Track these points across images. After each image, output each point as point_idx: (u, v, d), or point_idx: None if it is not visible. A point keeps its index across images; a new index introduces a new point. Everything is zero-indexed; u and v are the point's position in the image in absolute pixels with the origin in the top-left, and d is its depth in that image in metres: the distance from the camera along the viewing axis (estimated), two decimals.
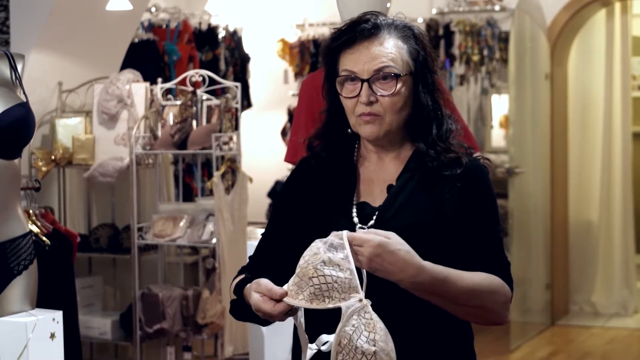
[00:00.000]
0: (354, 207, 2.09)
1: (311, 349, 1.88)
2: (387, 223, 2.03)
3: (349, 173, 2.14)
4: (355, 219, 2.07)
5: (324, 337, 1.86)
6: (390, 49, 2.05)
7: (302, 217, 2.12)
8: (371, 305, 1.83)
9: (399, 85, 2.05)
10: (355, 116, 2.07)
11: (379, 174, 2.12)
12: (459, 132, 2.13)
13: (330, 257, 1.83)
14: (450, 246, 2.03)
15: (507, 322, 2.08)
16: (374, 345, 1.79)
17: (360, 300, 1.82)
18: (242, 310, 2.06)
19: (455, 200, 2.05)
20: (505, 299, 2.02)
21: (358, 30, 2.06)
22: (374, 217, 2.05)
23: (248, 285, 2.00)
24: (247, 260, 2.23)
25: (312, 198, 2.13)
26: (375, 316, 1.81)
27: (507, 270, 2.06)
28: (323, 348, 1.86)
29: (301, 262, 1.86)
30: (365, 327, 1.80)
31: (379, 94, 2.04)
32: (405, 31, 2.09)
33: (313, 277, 1.82)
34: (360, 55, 2.05)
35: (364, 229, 2.05)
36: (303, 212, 2.13)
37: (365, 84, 2.04)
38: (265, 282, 1.92)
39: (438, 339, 2.03)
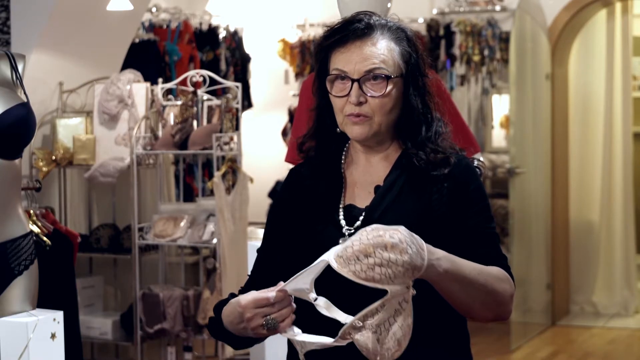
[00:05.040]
0: (341, 210, 2.08)
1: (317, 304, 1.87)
2: (374, 223, 2.03)
3: (336, 177, 2.13)
4: (342, 222, 2.06)
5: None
6: (382, 50, 2.05)
7: (292, 226, 2.12)
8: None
9: (389, 87, 2.04)
10: (343, 115, 2.07)
11: (366, 176, 2.12)
12: (448, 135, 2.12)
13: (394, 242, 1.75)
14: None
15: (508, 317, 2.04)
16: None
17: (408, 287, 1.77)
18: (219, 328, 2.06)
19: (443, 200, 2.05)
20: (511, 291, 2.01)
21: (351, 30, 2.06)
22: (361, 218, 2.05)
23: (234, 299, 1.99)
24: (247, 263, 2.23)
25: (301, 206, 2.13)
26: (407, 307, 1.78)
27: (505, 265, 2.05)
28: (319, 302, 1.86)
29: (362, 237, 1.77)
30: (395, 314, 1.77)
31: (369, 94, 2.04)
32: (399, 33, 2.09)
33: (370, 256, 1.75)
34: (352, 55, 2.05)
35: (350, 230, 2.04)
36: (293, 221, 2.12)
37: (356, 84, 2.03)
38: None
39: (434, 341, 2.02)
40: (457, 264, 1.90)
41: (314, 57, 2.14)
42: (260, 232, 4.70)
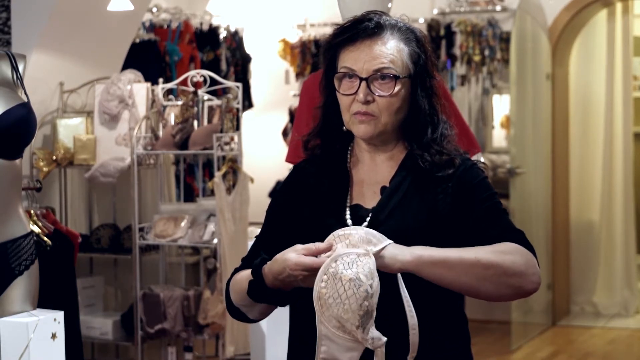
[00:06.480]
0: (347, 209, 2.09)
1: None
2: (381, 225, 2.03)
3: (342, 175, 2.14)
4: (349, 222, 2.06)
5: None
6: (391, 50, 2.05)
7: (296, 221, 2.12)
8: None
9: (397, 87, 2.05)
10: (350, 114, 2.07)
11: (371, 175, 2.12)
12: (453, 138, 2.12)
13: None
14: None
15: (535, 288, 1.98)
16: (354, 275, 1.81)
17: (367, 250, 1.85)
18: (261, 290, 2.02)
19: (448, 200, 2.05)
20: (525, 260, 1.97)
21: (361, 28, 2.06)
22: (368, 219, 2.05)
23: (284, 262, 1.95)
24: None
25: (306, 202, 2.13)
26: (371, 264, 1.83)
27: (522, 238, 2.02)
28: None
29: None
30: (355, 265, 1.83)
31: (376, 94, 2.04)
32: (408, 34, 2.09)
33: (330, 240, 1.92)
34: (361, 53, 2.05)
35: None
36: (297, 216, 2.12)
37: (364, 83, 2.04)
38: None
39: (435, 342, 2.02)
40: (434, 249, 1.93)
41: (322, 55, 2.14)
42: None
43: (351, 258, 1.83)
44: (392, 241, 1.90)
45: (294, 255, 1.92)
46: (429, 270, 1.91)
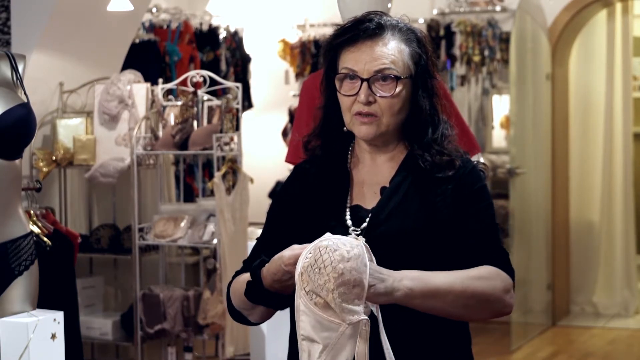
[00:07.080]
0: (347, 210, 2.09)
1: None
2: (380, 226, 2.03)
3: (342, 176, 2.14)
4: (349, 222, 2.06)
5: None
6: (392, 51, 2.05)
7: (297, 222, 2.12)
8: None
9: (398, 88, 2.04)
10: (351, 115, 2.07)
11: (372, 176, 2.12)
12: (454, 138, 2.13)
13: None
14: (444, 249, 2.02)
15: (510, 311, 2.04)
16: (333, 243, 1.81)
17: (357, 238, 1.85)
18: (258, 292, 2.01)
19: (447, 201, 2.05)
20: (504, 285, 2.00)
21: (362, 29, 2.06)
22: (367, 220, 2.05)
23: (280, 261, 1.94)
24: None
25: (307, 202, 2.13)
26: (353, 242, 1.82)
27: (505, 260, 2.04)
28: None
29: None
30: (342, 243, 1.82)
31: (378, 94, 2.04)
32: (409, 34, 2.09)
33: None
34: (362, 54, 2.05)
35: (357, 231, 2.05)
36: (297, 217, 2.12)
37: (365, 84, 2.04)
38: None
39: (435, 343, 2.03)
40: (423, 279, 1.91)
41: (323, 55, 2.14)
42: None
43: (338, 239, 1.84)
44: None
45: (289, 251, 1.92)
46: (418, 302, 1.91)
